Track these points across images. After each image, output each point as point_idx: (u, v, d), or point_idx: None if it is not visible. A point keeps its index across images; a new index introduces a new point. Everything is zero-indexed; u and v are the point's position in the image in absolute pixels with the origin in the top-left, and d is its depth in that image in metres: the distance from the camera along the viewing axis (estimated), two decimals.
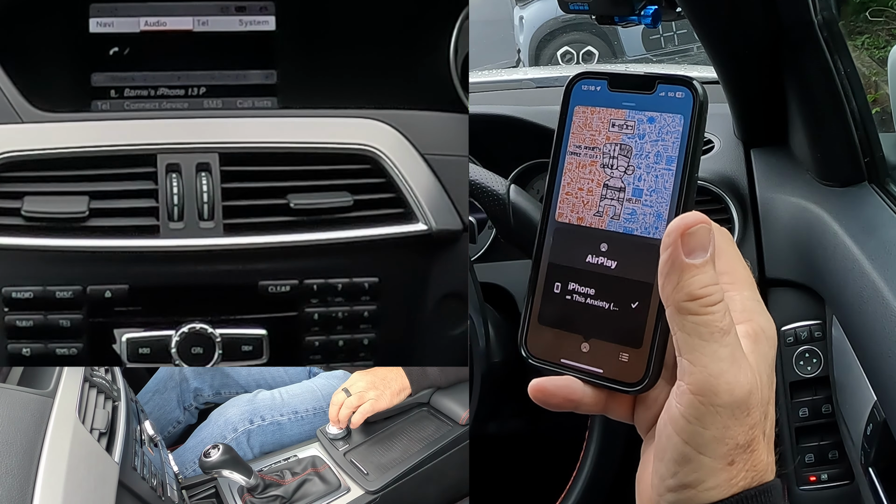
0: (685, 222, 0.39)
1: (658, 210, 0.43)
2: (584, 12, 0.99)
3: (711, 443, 0.39)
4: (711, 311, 0.39)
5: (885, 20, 2.19)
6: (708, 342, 0.39)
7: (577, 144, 0.45)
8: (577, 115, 0.45)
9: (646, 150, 0.43)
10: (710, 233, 0.40)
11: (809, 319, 1.13)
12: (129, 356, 0.86)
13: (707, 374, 0.38)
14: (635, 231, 0.43)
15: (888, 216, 1.00)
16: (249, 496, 1.13)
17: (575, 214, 0.45)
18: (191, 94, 0.90)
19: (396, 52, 0.96)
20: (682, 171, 0.42)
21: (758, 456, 0.40)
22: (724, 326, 0.39)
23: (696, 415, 0.39)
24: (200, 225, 0.85)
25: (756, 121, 1.20)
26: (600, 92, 0.45)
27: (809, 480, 1.13)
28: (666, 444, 0.40)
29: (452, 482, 1.19)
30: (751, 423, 0.39)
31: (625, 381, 0.42)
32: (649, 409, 0.44)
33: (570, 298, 0.44)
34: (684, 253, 0.39)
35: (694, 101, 0.42)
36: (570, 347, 0.44)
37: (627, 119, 0.44)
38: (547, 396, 0.43)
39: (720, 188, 1.20)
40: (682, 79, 0.43)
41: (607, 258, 0.44)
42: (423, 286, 0.93)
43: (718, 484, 0.39)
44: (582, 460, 1.03)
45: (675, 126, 0.43)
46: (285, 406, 1.37)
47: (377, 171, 0.89)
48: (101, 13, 0.89)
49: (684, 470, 0.39)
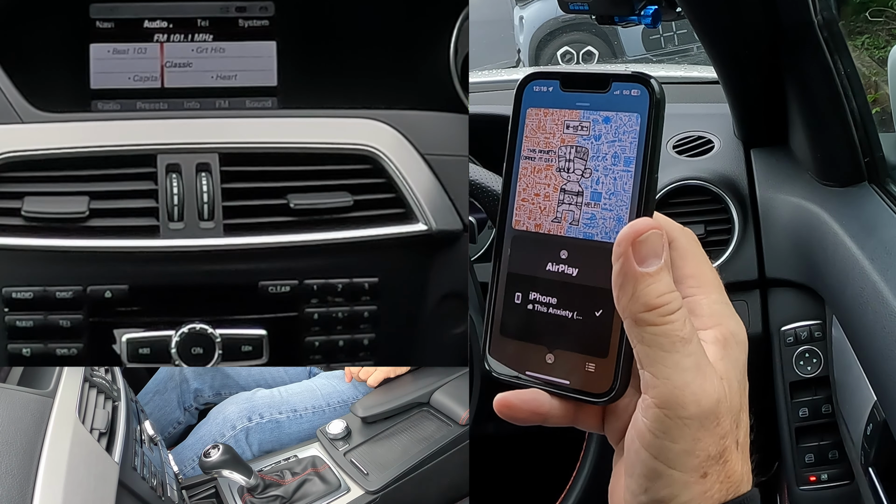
0: (635, 230, 0.38)
1: (618, 213, 0.41)
2: (584, 12, 0.99)
3: (681, 456, 0.37)
4: (670, 319, 0.37)
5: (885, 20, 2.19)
6: (669, 353, 0.37)
7: (531, 149, 0.43)
8: (529, 118, 0.44)
9: (602, 151, 0.41)
10: (661, 238, 0.38)
11: (809, 319, 1.13)
12: (129, 356, 0.86)
13: (671, 386, 0.37)
14: (595, 236, 0.41)
15: (888, 216, 1.00)
16: (249, 496, 1.13)
17: (532, 221, 0.43)
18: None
19: (396, 52, 0.96)
20: (640, 171, 0.40)
21: (731, 466, 0.39)
22: (685, 335, 0.38)
23: (662, 429, 0.37)
24: (200, 225, 0.85)
25: (756, 121, 1.20)
26: (552, 93, 0.43)
27: (809, 480, 1.13)
28: (635, 460, 0.39)
29: (452, 482, 1.19)
30: (721, 432, 0.38)
31: (592, 391, 0.41)
32: (619, 419, 0.42)
33: (532, 308, 0.43)
34: (637, 261, 0.38)
35: (651, 99, 0.41)
36: (535, 359, 0.42)
37: (582, 120, 0.42)
38: (513, 411, 0.42)
39: (720, 188, 1.20)
40: (637, 76, 0.41)
41: (568, 265, 0.42)
42: (423, 286, 0.93)
43: (692, 497, 0.38)
44: (582, 460, 1.03)
45: (632, 125, 0.41)
46: (284, 404, 1.37)
47: (377, 171, 0.89)
48: (101, 13, 0.89)
49: (655, 485, 0.38)
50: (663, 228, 0.39)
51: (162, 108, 0.90)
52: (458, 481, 1.18)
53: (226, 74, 0.91)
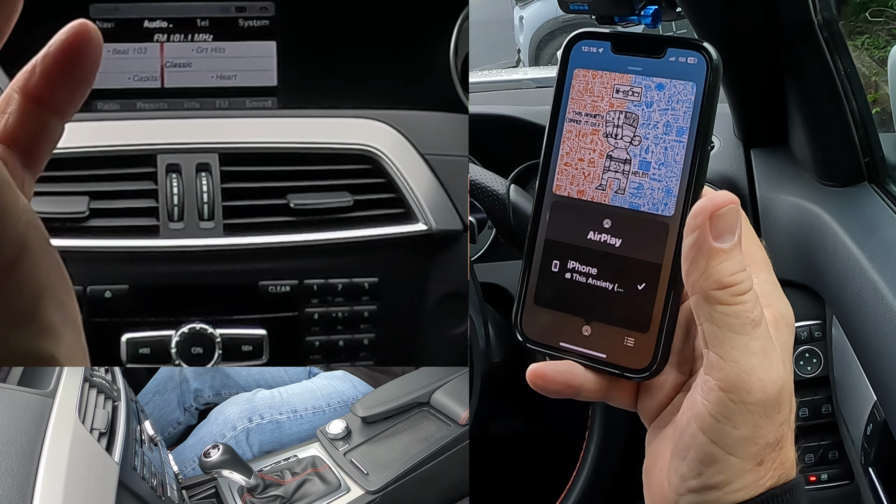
0: (714, 203, 0.36)
1: (667, 185, 0.39)
2: (584, 12, 0.99)
3: (741, 443, 0.36)
4: (742, 300, 0.36)
5: (885, 20, 2.19)
6: (739, 335, 0.36)
7: (576, 111, 0.41)
8: (576, 79, 0.41)
9: (654, 119, 0.40)
10: (738, 214, 0.36)
11: (809, 319, 1.13)
12: (129, 356, 0.86)
13: (738, 370, 0.36)
14: (642, 207, 0.40)
15: (888, 216, 1.00)
16: (249, 496, 1.13)
17: (575, 187, 0.41)
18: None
19: (396, 52, 0.96)
20: (694, 143, 0.39)
21: (786, 453, 0.38)
22: (756, 317, 0.36)
23: (725, 413, 0.36)
24: (200, 225, 0.85)
25: (756, 121, 1.20)
26: (603, 54, 0.41)
27: (809, 480, 1.13)
28: (690, 443, 0.37)
29: (452, 482, 1.19)
30: (781, 419, 0.37)
31: (630, 367, 0.39)
32: (654, 397, 0.41)
33: (570, 278, 0.41)
34: (712, 236, 0.36)
35: (708, 68, 0.39)
36: (570, 330, 0.41)
37: (633, 85, 0.40)
38: (546, 382, 0.40)
39: (720, 188, 1.20)
40: (695, 42, 0.39)
41: (611, 235, 0.40)
42: (423, 286, 0.93)
43: (746, 485, 0.37)
44: (582, 460, 1.03)
45: (687, 94, 0.39)
46: (284, 405, 1.37)
47: (377, 171, 0.89)
48: (101, 13, 0.89)
49: (710, 471, 0.37)
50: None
51: (162, 108, 0.90)
52: (458, 481, 1.18)
53: (226, 74, 0.91)
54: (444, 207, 0.91)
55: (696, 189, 0.39)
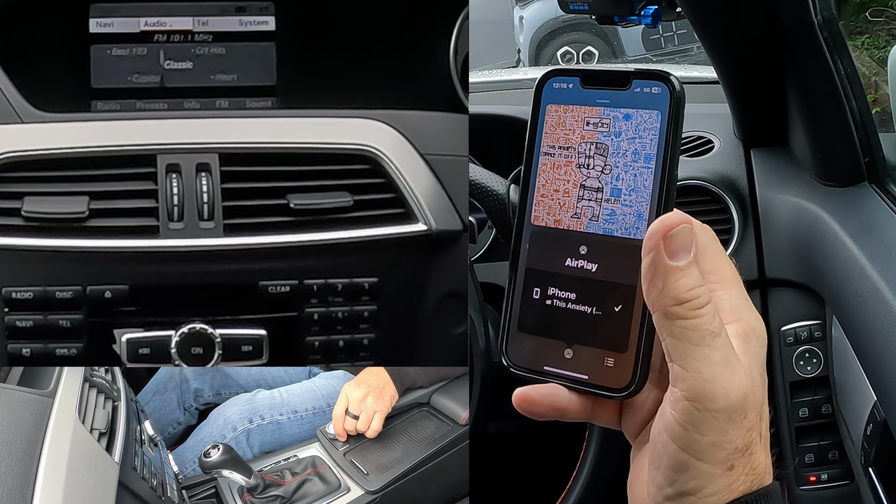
0: (666, 223, 0.38)
1: (638, 210, 0.41)
2: (584, 12, 0.98)
3: (709, 449, 0.38)
4: (700, 313, 0.38)
5: (885, 20, 2.19)
6: (699, 346, 0.38)
7: (550, 144, 0.44)
8: (549, 115, 0.44)
9: (623, 148, 0.42)
10: (692, 232, 0.39)
11: (809, 319, 1.13)
12: (129, 356, 0.86)
13: (701, 380, 0.38)
14: (615, 232, 0.42)
15: (888, 216, 1.00)
16: (249, 496, 1.13)
17: (551, 217, 0.43)
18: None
19: (396, 52, 0.96)
20: (661, 168, 0.41)
21: (756, 458, 0.39)
22: (714, 329, 0.38)
23: (692, 421, 0.38)
24: (200, 225, 0.85)
25: (756, 121, 1.20)
26: (573, 89, 0.44)
27: (809, 480, 1.13)
28: (662, 452, 0.39)
29: (452, 482, 1.19)
30: (748, 425, 0.38)
31: (611, 386, 0.41)
32: (637, 414, 0.43)
33: (551, 304, 0.43)
34: (667, 255, 0.38)
35: (671, 96, 0.41)
36: (553, 354, 0.43)
37: (602, 117, 0.42)
38: (532, 406, 0.42)
39: (720, 188, 1.20)
40: (658, 73, 0.42)
41: (587, 261, 0.42)
42: (423, 286, 0.93)
43: (718, 490, 0.38)
44: (582, 460, 1.03)
45: (653, 123, 0.41)
46: (285, 405, 1.37)
47: (377, 171, 0.89)
48: (101, 13, 0.89)
49: (682, 477, 0.38)
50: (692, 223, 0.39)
51: (162, 108, 0.90)
52: (458, 481, 1.18)
53: (226, 74, 0.91)
54: (443, 207, 0.91)
55: (666, 211, 0.41)
